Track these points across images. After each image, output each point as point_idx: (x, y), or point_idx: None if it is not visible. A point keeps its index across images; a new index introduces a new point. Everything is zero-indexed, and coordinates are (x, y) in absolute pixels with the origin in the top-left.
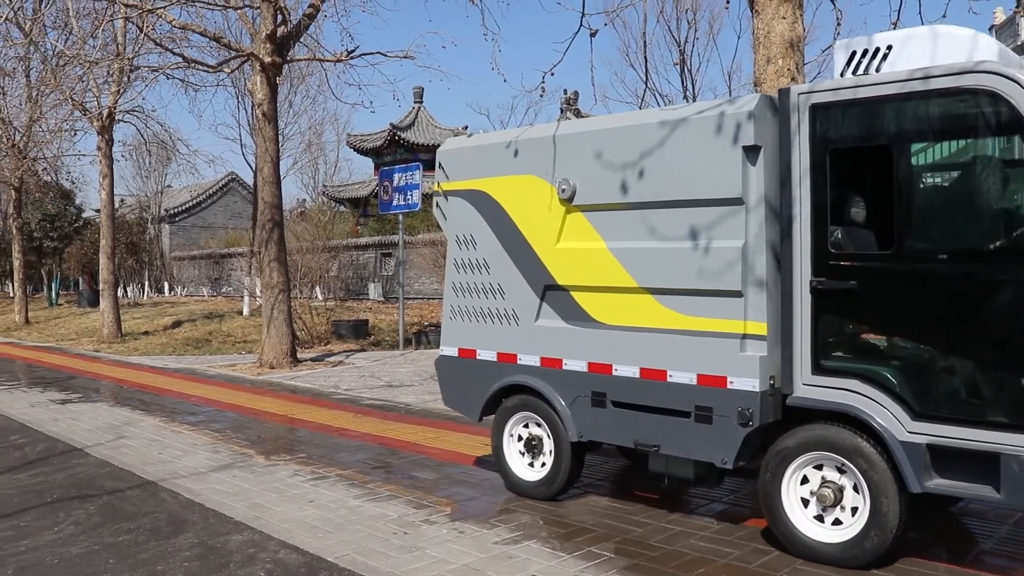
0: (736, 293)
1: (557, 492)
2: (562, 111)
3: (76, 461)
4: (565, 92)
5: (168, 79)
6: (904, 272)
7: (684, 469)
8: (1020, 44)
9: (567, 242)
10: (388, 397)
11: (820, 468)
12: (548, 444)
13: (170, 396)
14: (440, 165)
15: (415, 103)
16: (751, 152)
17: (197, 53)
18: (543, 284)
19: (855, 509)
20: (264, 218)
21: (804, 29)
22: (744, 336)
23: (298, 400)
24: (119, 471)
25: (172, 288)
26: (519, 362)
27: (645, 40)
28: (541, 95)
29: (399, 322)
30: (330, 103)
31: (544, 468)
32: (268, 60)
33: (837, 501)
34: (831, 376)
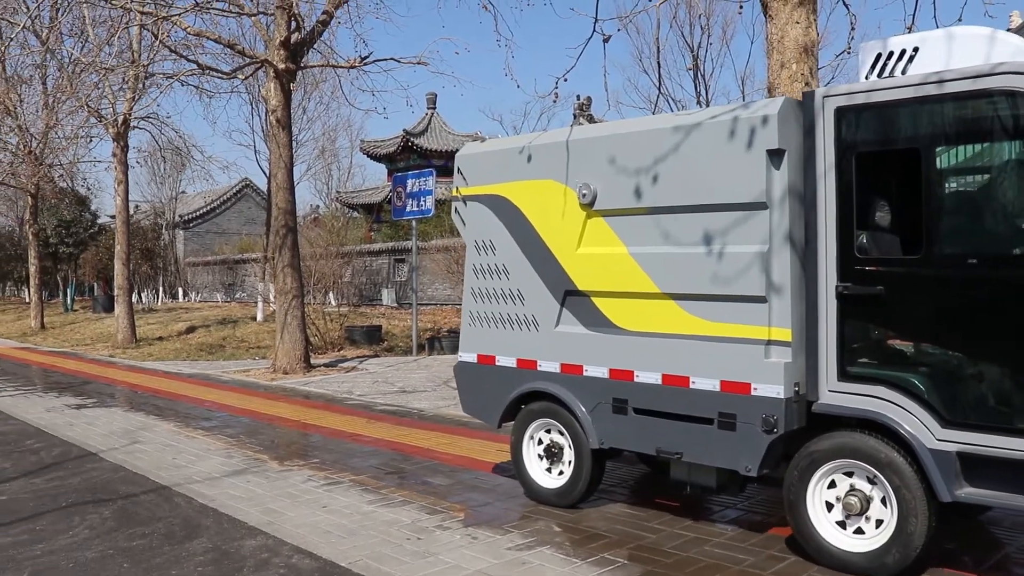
0: (760, 299)
1: (577, 500)
2: (575, 117)
3: (91, 466)
4: (578, 98)
5: (183, 86)
6: (933, 277)
7: (707, 477)
8: None
9: (588, 247)
10: (401, 403)
11: (850, 475)
12: (568, 451)
13: (184, 401)
14: (459, 170)
15: (428, 109)
16: (775, 155)
17: (211, 60)
18: (563, 289)
19: (880, 522)
20: (278, 224)
21: (818, 34)
22: (768, 342)
23: (311, 405)
24: (133, 476)
25: (186, 294)
26: (539, 368)
27: (659, 45)
28: (554, 101)
29: (412, 328)
30: (344, 109)
31: (564, 475)
32: (282, 67)
33: (863, 511)
34: (858, 383)
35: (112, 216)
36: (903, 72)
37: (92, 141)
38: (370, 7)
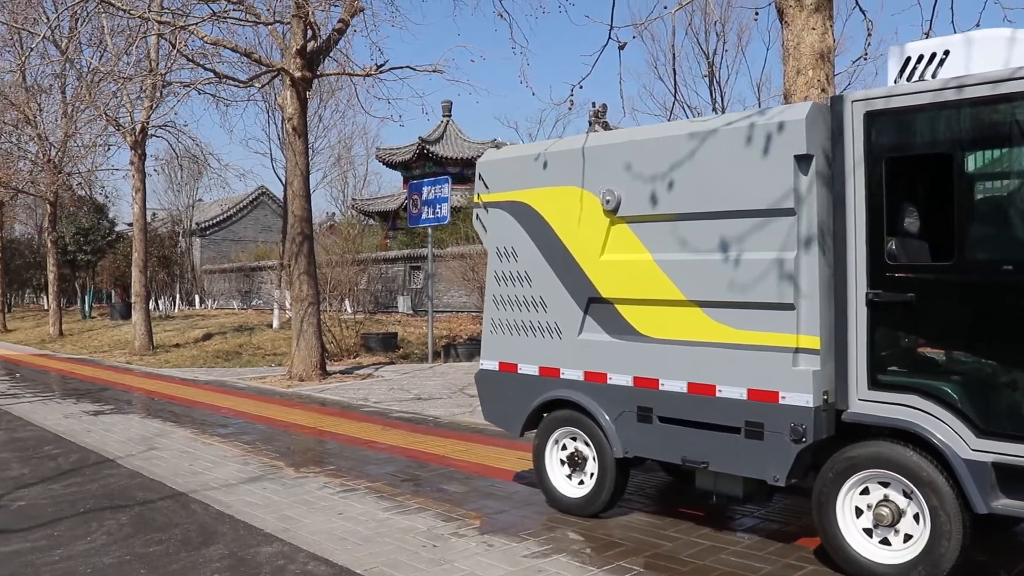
0: (788, 306)
1: (601, 509)
2: (590, 124)
3: (108, 472)
4: (593, 105)
5: (200, 94)
6: (966, 283)
7: (733, 486)
8: None
9: (611, 254)
10: (417, 410)
11: (886, 485)
12: (591, 460)
13: (200, 408)
14: (480, 176)
15: (444, 117)
16: (802, 161)
17: (228, 68)
18: (587, 297)
19: (909, 536)
20: (294, 231)
21: (834, 40)
22: (796, 350)
23: (327, 412)
24: (150, 482)
25: (203, 301)
26: (562, 376)
27: (674, 52)
28: (570, 108)
29: (428, 335)
30: (359, 117)
31: (587, 484)
32: (298, 75)
33: (893, 523)
34: (889, 391)
35: (129, 224)
36: (933, 76)
37: (110, 149)
38: (386, 15)
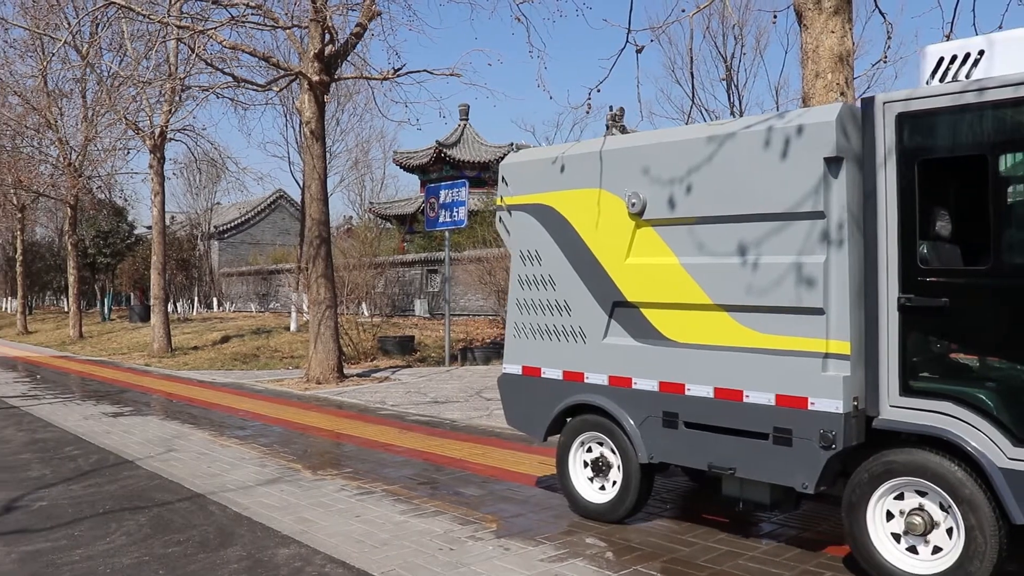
0: (817, 310)
1: (625, 515)
2: (608, 127)
3: (127, 473)
4: (611, 109)
5: (218, 98)
6: (1002, 288)
7: (760, 493)
8: None
9: (637, 258)
10: (434, 413)
11: (923, 495)
12: (616, 465)
13: (218, 410)
14: (503, 179)
15: (461, 120)
16: (833, 163)
17: (246, 72)
18: (612, 301)
19: (939, 549)
20: (311, 235)
21: (853, 43)
22: (826, 355)
23: (344, 415)
24: (169, 483)
25: (221, 304)
26: (586, 381)
27: (692, 56)
28: (587, 112)
29: (445, 338)
30: (377, 121)
31: (611, 490)
32: (316, 79)
33: (925, 533)
34: (921, 398)
35: (148, 227)
36: (967, 76)
37: (129, 153)
38: (403, 19)
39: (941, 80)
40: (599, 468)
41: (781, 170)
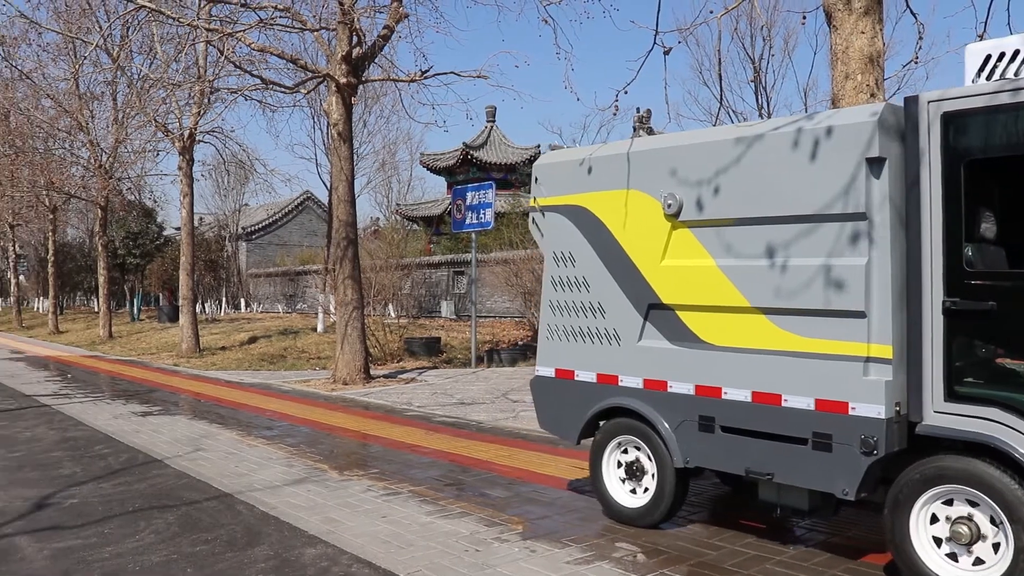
0: (859, 313)
1: (660, 519)
2: (635, 129)
3: (156, 472)
4: (638, 110)
5: (246, 100)
6: None
7: (798, 499)
8: None
9: (673, 259)
10: (460, 415)
11: (975, 505)
12: (650, 469)
13: (246, 410)
14: (536, 179)
15: (487, 122)
16: (875, 164)
17: (275, 75)
18: (647, 303)
19: (980, 560)
20: (339, 236)
21: (884, 44)
22: (867, 359)
23: (371, 416)
24: (197, 482)
25: (248, 304)
26: (620, 384)
27: (720, 57)
28: (614, 113)
29: (471, 340)
30: (404, 122)
31: (646, 495)
32: (343, 81)
33: (969, 543)
34: (967, 403)
35: (177, 228)
36: (1015, 74)
37: (159, 155)
38: (430, 21)
39: (988, 78)
40: (633, 472)
41: (821, 171)
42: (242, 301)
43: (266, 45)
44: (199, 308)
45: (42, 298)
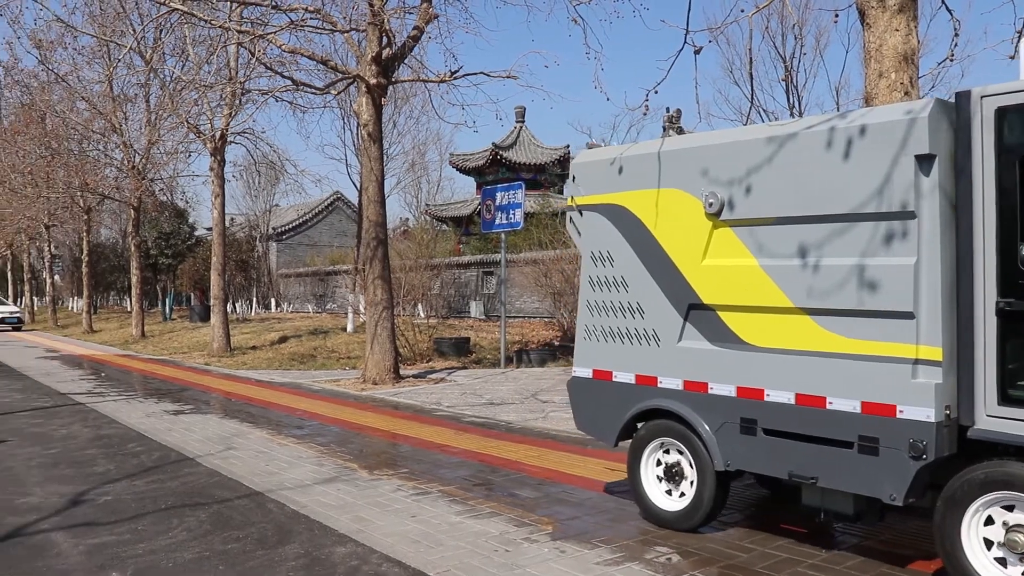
0: (908, 314)
1: (700, 523)
2: (664, 129)
3: (188, 470)
4: (668, 110)
5: (277, 101)
6: None
7: (843, 504)
8: None
9: (714, 259)
10: (489, 415)
11: None
12: (690, 473)
13: (276, 409)
14: (573, 178)
15: (517, 122)
16: (925, 161)
17: (305, 76)
18: (687, 303)
19: None
20: (368, 236)
21: (918, 41)
22: (916, 361)
23: (400, 416)
24: (228, 481)
25: (278, 304)
26: (659, 385)
27: (751, 56)
28: (645, 113)
29: (500, 340)
30: (433, 123)
31: (685, 498)
32: (373, 82)
33: (1022, 552)
34: (1022, 407)
35: (209, 228)
36: None
37: (191, 156)
38: (460, 22)
39: None
40: (673, 476)
41: (868, 169)
42: (272, 301)
43: (296, 47)
44: (230, 308)
45: (76, 298)
